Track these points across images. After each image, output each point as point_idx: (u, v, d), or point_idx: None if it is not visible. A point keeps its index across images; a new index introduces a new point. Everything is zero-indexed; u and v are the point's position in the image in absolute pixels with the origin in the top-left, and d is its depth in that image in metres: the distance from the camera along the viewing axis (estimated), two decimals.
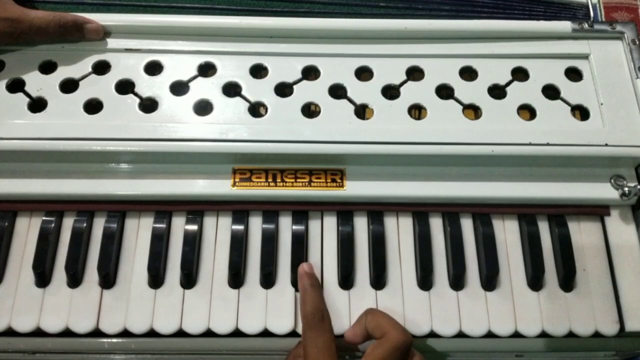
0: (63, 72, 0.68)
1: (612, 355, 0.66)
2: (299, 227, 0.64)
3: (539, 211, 0.66)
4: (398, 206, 0.66)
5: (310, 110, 0.68)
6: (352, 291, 0.62)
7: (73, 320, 0.60)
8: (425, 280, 0.63)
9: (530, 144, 0.64)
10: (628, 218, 0.66)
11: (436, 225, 0.65)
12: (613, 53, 0.70)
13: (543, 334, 0.61)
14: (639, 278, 0.63)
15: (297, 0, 0.77)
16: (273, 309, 0.61)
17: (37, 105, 0.66)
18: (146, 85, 0.67)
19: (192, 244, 0.63)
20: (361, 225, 0.65)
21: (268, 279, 0.62)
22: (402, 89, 0.68)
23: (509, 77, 0.69)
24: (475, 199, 0.65)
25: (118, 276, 0.62)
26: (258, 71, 0.70)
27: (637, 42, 0.70)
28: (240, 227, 0.64)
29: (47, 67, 0.69)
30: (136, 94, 0.67)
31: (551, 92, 0.69)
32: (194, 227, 0.64)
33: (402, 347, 0.54)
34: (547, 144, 0.64)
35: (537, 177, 0.65)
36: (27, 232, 0.64)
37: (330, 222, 0.65)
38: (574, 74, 0.70)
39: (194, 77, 0.68)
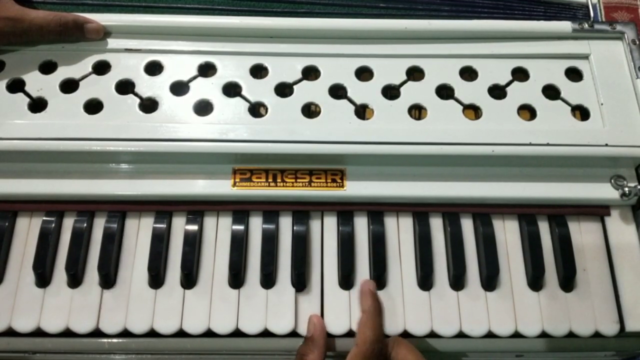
0: (63, 72, 0.68)
1: (612, 355, 0.66)
2: (300, 227, 0.64)
3: (539, 211, 0.66)
4: (398, 206, 0.66)
5: (310, 110, 0.68)
6: (353, 291, 0.62)
7: (73, 321, 0.60)
8: (425, 280, 0.63)
9: (530, 144, 0.64)
10: (628, 218, 0.66)
11: (436, 225, 0.65)
12: (613, 53, 0.70)
13: (543, 334, 0.61)
14: (639, 278, 0.63)
15: (297, 1, 0.77)
16: (273, 309, 0.61)
17: (37, 105, 0.66)
18: (146, 85, 0.67)
19: (193, 244, 0.63)
20: (361, 225, 0.65)
21: (268, 279, 0.62)
22: (402, 89, 0.68)
23: (509, 77, 0.69)
24: (475, 199, 0.65)
25: (118, 276, 0.62)
26: (258, 71, 0.70)
27: (637, 42, 0.70)
28: (241, 227, 0.64)
29: (47, 67, 0.69)
30: (136, 94, 0.67)
31: (551, 92, 0.69)
32: (194, 227, 0.64)
33: None
34: (547, 144, 0.64)
35: (537, 177, 0.65)
36: (27, 232, 0.64)
37: (331, 222, 0.65)
38: (574, 74, 0.70)
39: (194, 77, 0.68)
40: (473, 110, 0.68)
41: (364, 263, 0.64)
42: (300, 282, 0.62)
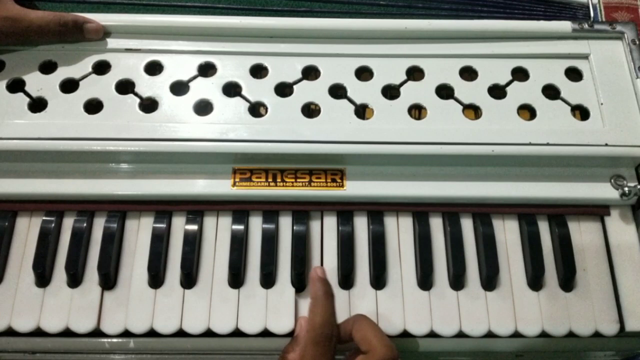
0: (63, 72, 0.68)
1: (612, 355, 0.66)
2: (299, 227, 0.64)
3: (539, 211, 0.66)
4: (398, 206, 0.66)
5: (310, 110, 0.68)
6: (352, 291, 0.62)
7: (73, 320, 0.60)
8: (425, 280, 0.63)
9: (530, 144, 0.64)
10: (628, 218, 0.66)
11: (436, 225, 0.65)
12: (613, 53, 0.70)
13: (543, 334, 0.61)
14: (639, 278, 0.63)
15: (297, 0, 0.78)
16: (273, 309, 0.61)
17: (37, 105, 0.66)
18: (146, 85, 0.67)
19: (192, 244, 0.63)
20: (361, 225, 0.65)
21: (268, 279, 0.62)
22: (402, 89, 0.68)
23: (509, 77, 0.69)
24: (475, 199, 0.65)
25: (118, 276, 0.62)
26: (258, 71, 0.70)
27: (637, 42, 0.70)
28: (240, 227, 0.64)
29: (47, 67, 0.69)
30: (136, 94, 0.67)
31: (551, 92, 0.69)
32: (194, 227, 0.64)
33: None
34: (547, 144, 0.64)
35: (537, 177, 0.65)
36: (27, 232, 0.64)
37: (331, 222, 0.65)
38: (574, 74, 0.70)
39: (194, 77, 0.68)
40: (473, 110, 0.68)
41: (364, 263, 0.64)
42: (300, 282, 0.62)
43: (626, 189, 0.63)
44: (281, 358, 0.57)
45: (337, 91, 0.68)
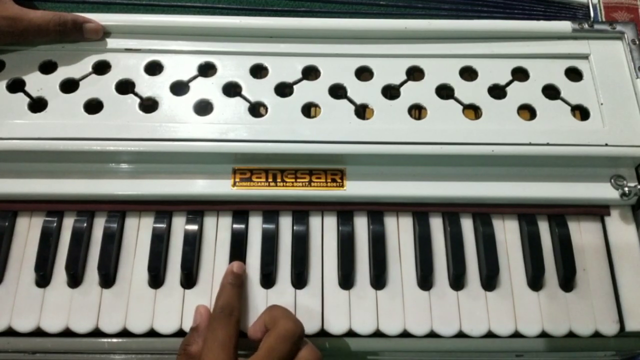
0: (63, 72, 0.68)
1: (612, 355, 0.66)
2: (300, 227, 0.64)
3: (539, 211, 0.66)
4: (398, 206, 0.66)
5: (310, 110, 0.68)
6: (352, 291, 0.62)
7: (73, 320, 0.60)
8: (425, 280, 0.63)
9: (530, 144, 0.64)
10: (628, 218, 0.66)
11: (436, 225, 0.65)
12: (613, 53, 0.70)
13: (543, 334, 0.61)
14: (639, 278, 0.63)
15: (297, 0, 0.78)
16: None
17: (38, 105, 0.66)
18: (146, 85, 0.67)
19: (193, 243, 0.63)
20: (361, 225, 0.65)
21: (268, 279, 0.62)
22: (402, 89, 0.68)
23: (509, 77, 0.69)
24: (475, 199, 0.65)
25: (118, 276, 0.62)
26: (258, 71, 0.70)
27: (637, 42, 0.70)
28: (241, 227, 0.64)
29: (48, 67, 0.69)
30: (136, 94, 0.67)
31: (551, 92, 0.69)
32: (194, 227, 0.64)
33: (291, 335, 0.53)
34: (547, 144, 0.64)
35: (537, 177, 0.65)
36: (27, 232, 0.64)
37: (331, 222, 0.65)
38: (574, 74, 0.70)
39: (194, 77, 0.68)
40: (473, 110, 0.68)
41: (364, 263, 0.64)
42: (300, 282, 0.62)
43: (626, 189, 0.63)
44: (182, 353, 0.56)
45: (337, 91, 0.68)
